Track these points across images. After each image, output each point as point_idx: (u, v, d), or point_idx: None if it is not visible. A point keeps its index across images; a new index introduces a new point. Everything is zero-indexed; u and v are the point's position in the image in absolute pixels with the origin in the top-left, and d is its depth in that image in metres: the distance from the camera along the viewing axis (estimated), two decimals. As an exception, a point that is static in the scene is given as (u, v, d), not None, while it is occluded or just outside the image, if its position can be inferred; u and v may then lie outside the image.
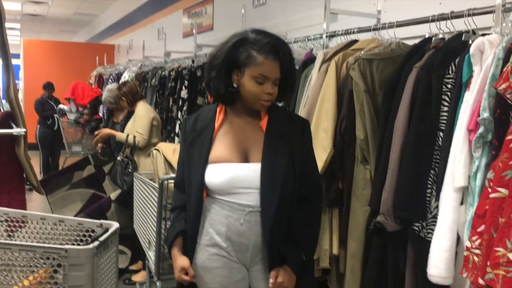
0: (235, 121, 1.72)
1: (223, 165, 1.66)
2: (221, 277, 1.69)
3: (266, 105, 1.65)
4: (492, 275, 1.42)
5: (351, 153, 2.42)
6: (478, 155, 1.62)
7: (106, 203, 3.94)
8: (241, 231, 1.66)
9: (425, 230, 1.87)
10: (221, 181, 1.65)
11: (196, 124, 1.75)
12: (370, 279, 2.30)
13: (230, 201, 1.66)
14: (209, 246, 1.70)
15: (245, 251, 1.69)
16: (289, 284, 1.67)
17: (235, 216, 1.65)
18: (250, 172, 1.65)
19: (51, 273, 1.76)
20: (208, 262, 1.70)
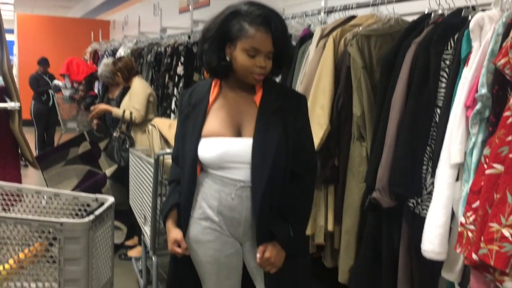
0: (230, 95, 1.71)
1: (215, 139, 1.66)
2: (214, 251, 1.70)
3: (258, 79, 1.63)
4: (486, 250, 1.43)
5: (347, 130, 2.41)
6: (475, 132, 1.61)
7: (101, 179, 3.94)
8: (232, 206, 1.66)
9: (420, 206, 1.88)
10: (212, 156, 1.65)
11: (191, 98, 1.74)
12: (364, 255, 2.31)
13: (222, 176, 1.66)
14: (201, 220, 1.70)
15: (237, 225, 1.69)
16: (277, 260, 1.66)
17: (227, 190, 1.65)
18: (242, 146, 1.64)
19: (46, 246, 1.76)
20: (201, 236, 1.71)
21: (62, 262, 1.73)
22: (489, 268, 1.46)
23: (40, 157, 4.45)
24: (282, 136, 1.64)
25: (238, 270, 1.76)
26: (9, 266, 1.77)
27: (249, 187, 1.64)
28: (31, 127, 6.54)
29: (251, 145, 1.63)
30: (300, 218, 1.73)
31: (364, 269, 2.31)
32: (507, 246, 1.39)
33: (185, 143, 1.72)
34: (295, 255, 1.72)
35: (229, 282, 1.75)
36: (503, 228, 1.41)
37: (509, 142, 1.44)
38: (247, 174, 1.63)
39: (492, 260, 1.41)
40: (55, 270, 1.75)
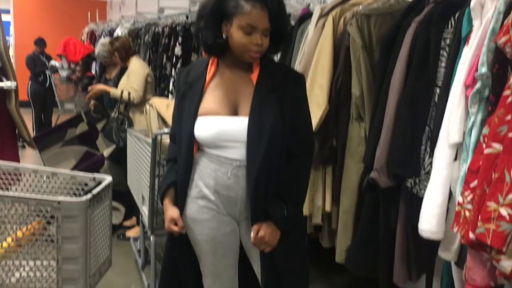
0: (226, 73, 1.69)
1: (211, 118, 1.65)
2: (210, 229, 1.71)
3: (255, 57, 1.61)
4: (483, 229, 1.43)
5: (346, 111, 2.40)
6: (474, 111, 1.60)
7: (99, 160, 3.94)
8: (228, 185, 1.66)
9: (418, 186, 1.88)
10: (208, 134, 1.64)
11: (188, 76, 1.73)
12: (362, 235, 2.32)
13: (218, 155, 1.66)
14: (198, 199, 1.71)
15: (234, 204, 1.69)
16: (271, 239, 1.65)
17: (223, 169, 1.65)
18: (238, 125, 1.63)
19: (44, 225, 1.77)
20: (197, 214, 1.71)
21: (60, 240, 1.74)
22: (485, 247, 1.46)
23: (38, 138, 4.44)
24: (278, 115, 1.63)
25: (234, 249, 1.77)
26: (7, 244, 1.77)
27: (245, 166, 1.64)
28: (28, 108, 6.51)
29: (247, 124, 1.62)
30: (295, 197, 1.73)
31: (361, 249, 2.32)
32: (504, 225, 1.39)
33: (181, 122, 1.71)
34: (291, 234, 1.72)
35: (226, 261, 1.76)
36: (501, 207, 1.40)
37: (508, 121, 1.43)
38: (243, 153, 1.63)
39: (489, 239, 1.41)
40: (53, 248, 1.75)
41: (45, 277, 1.79)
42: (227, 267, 1.76)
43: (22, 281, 1.79)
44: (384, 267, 2.19)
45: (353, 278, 3.08)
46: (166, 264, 1.87)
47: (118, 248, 3.41)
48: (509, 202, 1.39)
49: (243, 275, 1.82)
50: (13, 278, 1.79)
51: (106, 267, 2.04)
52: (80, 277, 1.78)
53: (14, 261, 1.78)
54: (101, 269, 1.98)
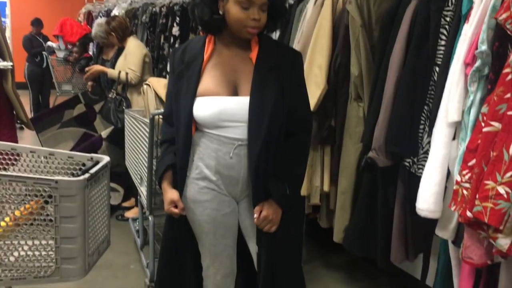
0: (224, 52, 1.67)
1: (211, 98, 1.63)
2: (211, 210, 1.70)
3: (252, 32, 1.58)
4: (480, 207, 1.43)
5: (345, 90, 2.39)
6: (474, 89, 1.59)
7: (97, 141, 3.93)
8: (230, 165, 1.65)
9: (416, 165, 1.88)
10: (208, 115, 1.62)
11: (185, 55, 1.69)
12: (360, 215, 2.33)
13: (219, 135, 1.64)
14: (199, 180, 1.69)
15: (235, 184, 1.69)
16: (274, 218, 1.67)
17: (224, 149, 1.64)
18: (239, 105, 1.62)
19: (42, 204, 1.76)
20: (198, 195, 1.70)
21: (58, 220, 1.74)
22: (483, 225, 1.47)
23: (35, 119, 4.42)
24: (278, 94, 1.62)
25: (234, 229, 1.77)
26: (5, 223, 1.77)
27: (246, 145, 1.63)
28: (25, 90, 6.47)
29: (248, 103, 1.60)
30: (296, 176, 1.73)
31: (359, 228, 2.33)
32: (502, 203, 1.39)
33: (179, 102, 1.68)
34: (289, 214, 1.72)
35: (225, 241, 1.76)
36: (499, 185, 1.40)
37: (507, 100, 1.42)
38: (244, 132, 1.62)
39: (486, 217, 1.41)
40: (52, 228, 1.75)
41: (43, 256, 1.79)
42: (226, 247, 1.76)
43: (21, 260, 1.80)
44: (381, 246, 2.20)
45: (350, 258, 3.10)
46: (165, 245, 1.87)
47: (117, 229, 3.43)
48: (507, 180, 1.39)
49: (239, 254, 1.83)
50: (11, 257, 1.80)
51: (105, 246, 2.04)
52: (79, 256, 1.79)
53: (13, 241, 1.78)
54: (100, 249, 1.99)
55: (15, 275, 1.79)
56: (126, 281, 2.81)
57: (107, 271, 2.88)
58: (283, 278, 1.74)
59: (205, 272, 1.78)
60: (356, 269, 3.00)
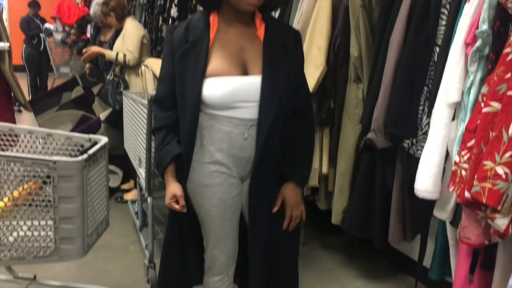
0: (230, 31, 1.63)
1: (223, 79, 1.58)
2: (221, 193, 1.67)
3: (252, 3, 1.53)
4: (479, 188, 1.43)
5: (344, 72, 2.38)
6: (474, 70, 1.58)
7: (95, 123, 3.92)
8: (243, 146, 1.63)
9: (415, 147, 1.87)
10: (221, 96, 1.57)
11: (188, 34, 1.62)
12: (358, 197, 2.34)
13: (230, 117, 1.60)
14: (209, 164, 1.65)
15: (246, 164, 1.67)
16: (298, 200, 1.72)
17: (237, 131, 1.61)
18: (251, 85, 1.59)
19: (40, 184, 1.77)
20: (208, 179, 1.66)
21: (57, 200, 1.74)
22: (481, 206, 1.47)
23: (33, 102, 4.40)
24: (287, 73, 1.62)
25: (238, 211, 1.75)
26: (4, 204, 1.78)
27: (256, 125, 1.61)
28: (23, 73, 6.44)
29: (259, 83, 1.58)
30: (307, 154, 1.77)
31: (357, 210, 2.34)
32: (500, 183, 1.39)
33: (185, 83, 1.61)
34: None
35: (231, 223, 1.73)
36: (497, 166, 1.40)
37: (507, 80, 1.41)
38: (255, 112, 1.60)
39: (485, 198, 1.41)
40: (50, 208, 1.76)
41: (42, 236, 1.80)
42: (231, 229, 1.74)
43: (20, 240, 1.81)
44: (379, 228, 2.21)
45: (348, 239, 3.12)
46: (169, 226, 1.83)
47: (116, 211, 3.44)
48: (505, 160, 1.39)
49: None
50: (10, 237, 1.80)
51: (104, 227, 2.05)
52: (78, 236, 1.80)
53: (12, 221, 1.79)
54: (99, 229, 2.00)
55: (14, 255, 1.80)
56: (126, 262, 2.82)
57: (106, 252, 2.90)
58: (280, 257, 1.75)
59: (208, 253, 1.76)
60: (354, 250, 3.02)
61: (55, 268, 2.62)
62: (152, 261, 2.51)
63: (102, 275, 2.65)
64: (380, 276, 2.74)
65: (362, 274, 2.76)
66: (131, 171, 3.56)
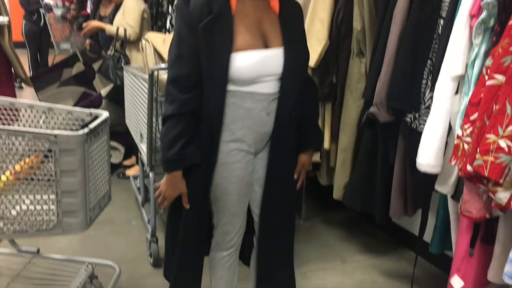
0: (247, 2, 1.56)
1: (252, 53, 1.53)
2: (240, 170, 1.64)
3: None
4: (481, 161, 1.42)
5: (346, 46, 2.35)
6: (478, 42, 1.56)
7: (97, 99, 3.91)
8: (265, 121, 1.61)
9: (417, 121, 1.86)
10: (251, 70, 1.52)
11: (211, 4, 1.50)
12: (360, 172, 2.34)
13: (252, 92, 1.55)
14: (230, 142, 1.60)
15: (265, 139, 1.66)
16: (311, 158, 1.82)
17: (260, 107, 1.58)
18: (274, 58, 1.56)
19: (41, 158, 1.76)
20: (227, 158, 1.62)
21: (59, 174, 1.75)
22: (483, 179, 1.46)
23: (34, 78, 4.38)
24: (302, 45, 1.63)
25: (251, 186, 1.74)
26: (6, 178, 1.78)
27: (277, 99, 1.60)
28: (24, 49, 6.40)
29: (281, 55, 1.57)
30: (317, 122, 1.85)
31: (358, 185, 2.34)
32: (503, 156, 1.39)
33: (213, 59, 1.51)
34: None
35: (245, 199, 1.72)
36: (500, 139, 1.39)
37: (512, 52, 1.39)
38: (275, 86, 1.59)
39: (487, 171, 1.41)
40: (52, 182, 1.76)
41: (45, 210, 1.81)
42: (245, 204, 1.73)
43: (23, 214, 1.82)
44: (381, 202, 2.21)
45: (349, 215, 3.14)
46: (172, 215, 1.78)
47: (119, 187, 3.46)
48: (508, 134, 1.38)
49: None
50: (13, 211, 1.81)
51: (106, 201, 2.06)
52: (80, 210, 1.80)
53: (14, 195, 1.79)
54: (101, 203, 2.00)
55: (17, 228, 1.81)
56: (128, 236, 2.85)
57: (109, 227, 2.92)
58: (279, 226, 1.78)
59: (219, 230, 1.73)
60: (355, 226, 3.04)
61: (58, 243, 2.65)
62: (154, 236, 2.53)
63: (105, 249, 2.68)
64: (380, 250, 2.76)
65: (362, 249, 2.78)
66: (133, 147, 3.57)
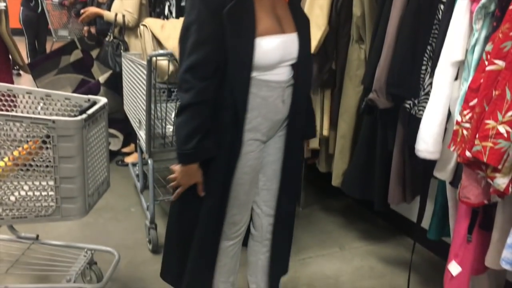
0: None
1: (274, 37, 1.50)
2: (254, 160, 1.63)
3: None
4: (480, 147, 1.42)
5: (346, 32, 2.34)
6: (478, 27, 1.55)
7: (94, 87, 3.89)
8: (279, 109, 1.60)
9: (417, 107, 1.86)
10: (274, 55, 1.50)
11: None
12: (358, 159, 2.34)
13: (268, 80, 1.53)
14: (246, 132, 1.57)
15: (277, 126, 1.65)
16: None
17: (275, 95, 1.56)
18: (293, 43, 1.55)
19: (40, 144, 1.76)
20: (244, 147, 1.59)
21: (57, 160, 1.74)
22: (481, 165, 1.46)
23: (32, 65, 4.36)
24: (308, 30, 1.64)
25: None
26: (4, 163, 1.78)
27: (291, 85, 1.60)
28: (21, 36, 6.35)
29: (296, 40, 1.56)
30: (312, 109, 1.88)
31: (357, 172, 2.34)
32: (502, 142, 1.38)
33: (237, 44, 1.45)
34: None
35: (254, 189, 1.72)
36: (499, 124, 1.39)
37: (513, 37, 1.38)
38: (289, 73, 1.58)
39: (485, 157, 1.41)
40: (51, 169, 1.76)
41: (44, 196, 1.81)
42: (255, 193, 1.73)
43: (22, 200, 1.82)
44: (379, 189, 2.22)
45: (348, 202, 3.15)
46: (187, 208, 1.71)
47: (117, 174, 3.46)
48: (508, 119, 1.38)
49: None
50: (12, 197, 1.81)
51: (105, 188, 2.06)
52: (79, 195, 1.80)
53: (13, 181, 1.79)
54: (100, 190, 2.00)
55: (16, 214, 1.81)
56: (127, 223, 2.85)
57: (108, 213, 2.93)
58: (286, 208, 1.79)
59: (228, 220, 1.69)
60: (353, 213, 3.05)
61: (57, 229, 2.66)
62: (153, 222, 2.53)
63: (104, 235, 2.69)
64: (379, 237, 2.77)
65: (361, 236, 2.79)
66: (132, 135, 3.56)
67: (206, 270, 1.73)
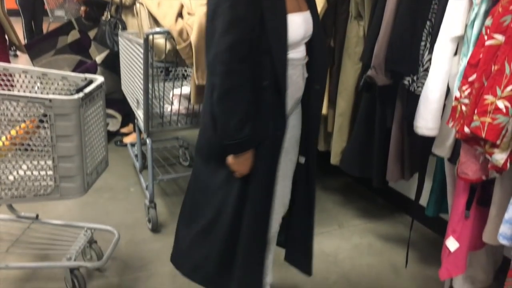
0: None
1: (299, 14, 1.48)
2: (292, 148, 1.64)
3: None
4: (478, 123, 1.42)
5: (345, 8, 2.31)
6: (478, 2, 1.53)
7: (92, 66, 3.87)
8: (300, 86, 1.58)
9: (416, 84, 1.84)
10: (301, 32, 1.49)
11: None
12: (357, 137, 2.33)
13: (293, 58, 1.48)
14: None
15: (296, 105, 1.62)
16: None
17: (297, 72, 1.54)
18: (310, 20, 1.55)
19: (37, 123, 1.75)
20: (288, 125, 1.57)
21: (55, 139, 1.74)
22: (480, 141, 1.46)
23: (29, 46, 4.32)
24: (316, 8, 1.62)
25: None
26: (1, 143, 1.77)
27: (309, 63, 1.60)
28: (18, 17, 6.29)
29: (311, 18, 1.55)
30: None
31: (356, 150, 2.34)
32: (500, 117, 1.38)
33: (275, 22, 1.41)
34: None
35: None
36: (498, 100, 1.38)
37: (513, 11, 1.37)
38: (305, 50, 1.57)
39: (484, 132, 1.40)
40: (49, 148, 1.76)
41: (42, 175, 1.81)
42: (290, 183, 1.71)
43: (20, 180, 1.82)
44: (378, 166, 2.22)
45: (346, 181, 3.15)
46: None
47: (116, 154, 3.46)
48: (507, 94, 1.37)
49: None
50: (10, 176, 1.81)
51: (103, 167, 2.06)
52: (77, 174, 1.80)
53: (11, 161, 1.79)
54: (98, 169, 2.00)
55: (15, 194, 1.82)
56: (127, 202, 2.86)
57: (107, 193, 2.93)
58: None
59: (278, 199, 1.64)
60: (352, 191, 3.06)
61: (57, 209, 2.67)
62: (152, 201, 2.54)
63: (104, 215, 2.70)
64: (377, 215, 2.78)
65: (360, 214, 2.80)
66: (130, 115, 3.55)
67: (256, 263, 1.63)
